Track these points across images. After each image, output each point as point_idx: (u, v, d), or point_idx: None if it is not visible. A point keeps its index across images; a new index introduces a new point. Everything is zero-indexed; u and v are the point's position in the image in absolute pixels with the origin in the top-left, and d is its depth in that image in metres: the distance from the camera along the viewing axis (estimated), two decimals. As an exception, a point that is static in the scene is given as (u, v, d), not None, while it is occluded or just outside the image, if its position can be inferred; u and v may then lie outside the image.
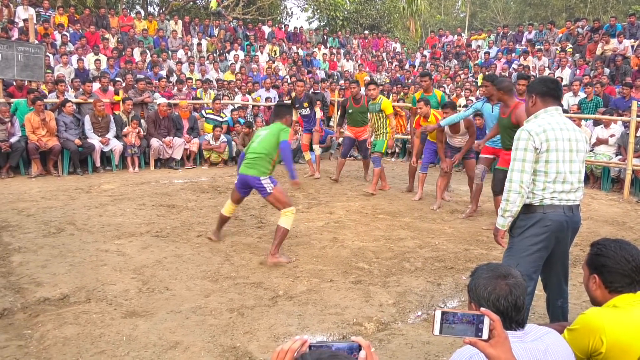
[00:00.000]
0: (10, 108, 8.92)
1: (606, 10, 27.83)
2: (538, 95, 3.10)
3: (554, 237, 3.02)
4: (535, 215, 3.01)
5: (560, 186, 2.98)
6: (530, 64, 14.27)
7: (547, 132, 2.97)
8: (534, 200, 3.01)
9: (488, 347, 1.46)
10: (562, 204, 3.00)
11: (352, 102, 8.47)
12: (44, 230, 5.62)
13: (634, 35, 14.21)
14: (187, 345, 3.27)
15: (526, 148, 2.97)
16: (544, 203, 2.99)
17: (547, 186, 2.98)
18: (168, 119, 10.08)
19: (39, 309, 3.74)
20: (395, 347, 3.30)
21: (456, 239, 5.66)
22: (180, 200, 7.24)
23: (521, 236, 3.07)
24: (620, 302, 2.08)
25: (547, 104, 3.08)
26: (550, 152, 2.96)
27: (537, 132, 2.97)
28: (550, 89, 3.08)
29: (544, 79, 3.20)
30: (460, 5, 39.77)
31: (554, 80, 3.22)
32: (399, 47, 21.29)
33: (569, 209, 3.02)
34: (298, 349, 1.18)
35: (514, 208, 3.00)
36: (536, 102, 3.11)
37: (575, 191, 3.03)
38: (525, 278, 3.06)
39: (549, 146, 2.96)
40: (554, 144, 2.96)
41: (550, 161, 2.96)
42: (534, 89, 3.13)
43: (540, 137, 2.96)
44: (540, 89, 3.09)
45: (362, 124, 8.55)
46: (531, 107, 3.15)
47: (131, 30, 15.21)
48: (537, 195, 3.00)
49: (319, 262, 4.85)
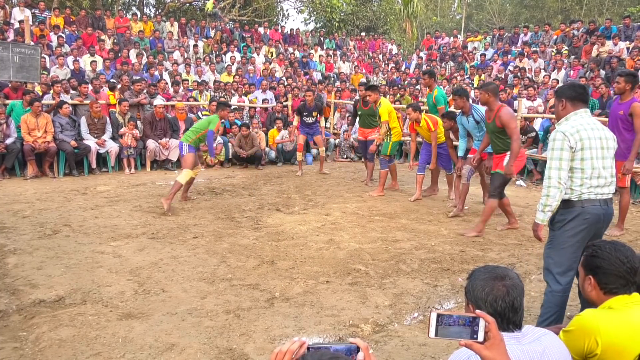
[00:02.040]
0: (6, 109, 8.89)
1: (601, 12, 27.97)
2: (568, 100, 3.33)
3: (593, 228, 3.25)
4: (575, 209, 3.23)
5: (595, 181, 3.22)
6: (526, 66, 14.32)
7: (581, 132, 3.20)
8: (573, 195, 3.23)
9: (483, 349, 1.47)
10: (598, 197, 3.23)
11: (362, 105, 8.73)
12: (39, 232, 5.60)
13: (629, 37, 14.28)
14: (183, 347, 3.26)
15: (562, 147, 3.19)
16: (582, 198, 3.21)
17: (585, 182, 3.20)
18: (164, 121, 10.07)
19: (35, 310, 3.73)
20: (392, 349, 3.30)
21: (452, 241, 5.67)
22: (177, 201, 7.23)
23: (561, 229, 3.27)
24: (616, 303, 2.09)
25: (577, 107, 3.31)
26: (584, 150, 3.19)
27: (572, 132, 3.20)
28: (578, 94, 3.32)
29: (573, 85, 3.44)
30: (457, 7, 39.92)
31: (582, 85, 3.47)
32: (395, 48, 21.33)
33: (604, 202, 3.25)
34: (296, 350, 1.18)
35: (554, 203, 3.22)
36: (566, 106, 3.34)
37: (608, 185, 3.27)
38: (564, 269, 3.23)
39: (583, 145, 3.19)
40: (587, 142, 3.19)
41: (586, 158, 3.19)
42: (563, 94, 3.36)
43: (575, 137, 3.18)
44: (570, 94, 3.33)
45: (371, 126, 8.75)
46: (561, 111, 3.37)
47: (127, 32, 15.19)
48: (576, 190, 3.22)
49: (315, 263, 4.85)
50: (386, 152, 8.02)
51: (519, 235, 5.93)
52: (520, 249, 5.44)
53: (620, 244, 2.19)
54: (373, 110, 8.44)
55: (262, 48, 16.93)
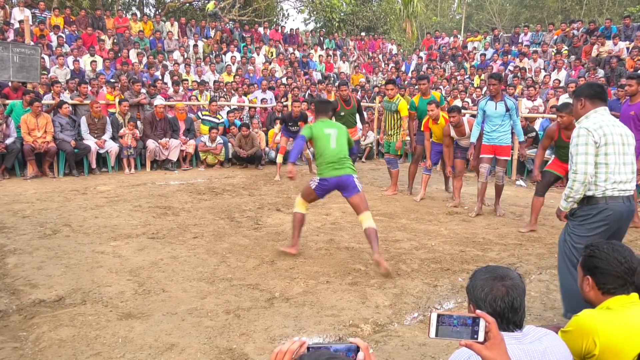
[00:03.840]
0: (6, 109, 8.89)
1: (601, 12, 27.98)
2: (587, 98, 3.43)
3: (615, 225, 3.37)
4: (598, 205, 3.35)
5: (619, 176, 3.34)
6: (526, 66, 14.32)
7: (603, 128, 3.32)
8: (597, 192, 3.34)
9: (484, 349, 1.47)
10: (621, 194, 3.34)
11: (343, 104, 8.54)
12: (39, 232, 5.60)
13: (629, 37, 14.29)
14: (183, 347, 3.26)
15: (587, 143, 3.30)
16: (606, 194, 3.33)
17: (609, 177, 3.31)
18: (164, 121, 10.07)
19: (35, 310, 3.73)
20: (392, 349, 3.30)
21: (452, 241, 5.67)
22: (177, 201, 7.23)
23: (582, 222, 3.41)
24: (614, 304, 2.09)
25: (596, 105, 3.42)
26: (608, 145, 3.31)
27: (595, 128, 3.31)
28: (597, 92, 3.43)
29: (591, 84, 3.57)
30: (457, 7, 39.91)
31: (599, 84, 3.61)
32: (395, 48, 21.33)
33: (627, 199, 3.37)
34: (296, 350, 1.18)
35: (577, 195, 3.38)
36: (585, 105, 3.44)
37: (630, 181, 3.38)
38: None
39: (606, 140, 3.30)
40: (610, 138, 3.31)
41: (609, 153, 3.31)
42: (582, 93, 3.46)
43: (598, 132, 3.30)
44: (589, 93, 3.43)
45: (353, 124, 8.72)
46: (580, 110, 3.47)
47: (127, 32, 15.19)
48: (600, 186, 3.33)
49: (315, 263, 4.85)
50: (395, 152, 8.06)
51: (519, 235, 5.93)
52: (520, 249, 5.44)
53: (618, 244, 2.20)
54: (355, 109, 8.65)
55: (262, 48, 16.93)
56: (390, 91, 7.87)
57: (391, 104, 7.93)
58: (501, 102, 6.54)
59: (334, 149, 4.83)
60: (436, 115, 7.43)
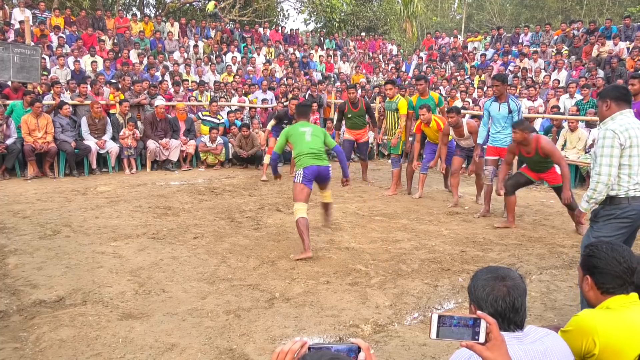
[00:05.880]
0: (6, 110, 8.89)
1: (602, 12, 27.95)
2: (612, 100, 3.48)
3: (637, 224, 3.46)
4: (621, 205, 3.42)
5: None
6: (527, 66, 14.32)
7: (629, 130, 3.38)
8: (620, 192, 3.41)
9: (485, 350, 1.47)
10: None
11: (351, 107, 8.65)
12: (39, 233, 5.60)
13: (629, 37, 14.28)
14: (184, 347, 3.27)
15: (612, 145, 3.36)
16: (629, 195, 3.40)
17: (632, 178, 3.39)
18: (165, 121, 10.07)
19: (35, 311, 3.73)
20: (392, 349, 3.30)
21: (453, 241, 5.67)
22: (177, 202, 7.23)
23: (606, 222, 3.47)
24: (613, 303, 2.09)
25: (622, 107, 3.46)
26: (633, 147, 3.38)
27: (621, 130, 3.37)
28: (622, 94, 3.49)
29: (616, 86, 3.65)
30: (457, 7, 39.89)
31: (624, 86, 3.73)
32: (395, 49, 21.32)
33: None
34: (297, 350, 1.18)
35: (600, 197, 3.43)
36: (611, 106, 3.49)
37: None
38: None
39: (632, 142, 3.37)
40: (635, 140, 3.38)
41: (634, 155, 3.38)
42: (607, 95, 3.50)
43: (625, 135, 3.36)
44: (614, 94, 3.48)
45: (362, 126, 8.78)
46: (606, 111, 3.51)
47: (127, 32, 15.19)
48: (623, 187, 3.40)
49: (316, 263, 4.85)
50: (397, 152, 8.07)
51: (519, 236, 5.93)
52: (520, 249, 5.44)
53: (618, 244, 2.20)
54: (364, 111, 8.65)
55: (262, 48, 16.93)
56: (389, 91, 8.00)
57: (391, 103, 8.04)
58: (504, 104, 6.54)
59: (309, 141, 5.23)
60: (427, 119, 7.50)
